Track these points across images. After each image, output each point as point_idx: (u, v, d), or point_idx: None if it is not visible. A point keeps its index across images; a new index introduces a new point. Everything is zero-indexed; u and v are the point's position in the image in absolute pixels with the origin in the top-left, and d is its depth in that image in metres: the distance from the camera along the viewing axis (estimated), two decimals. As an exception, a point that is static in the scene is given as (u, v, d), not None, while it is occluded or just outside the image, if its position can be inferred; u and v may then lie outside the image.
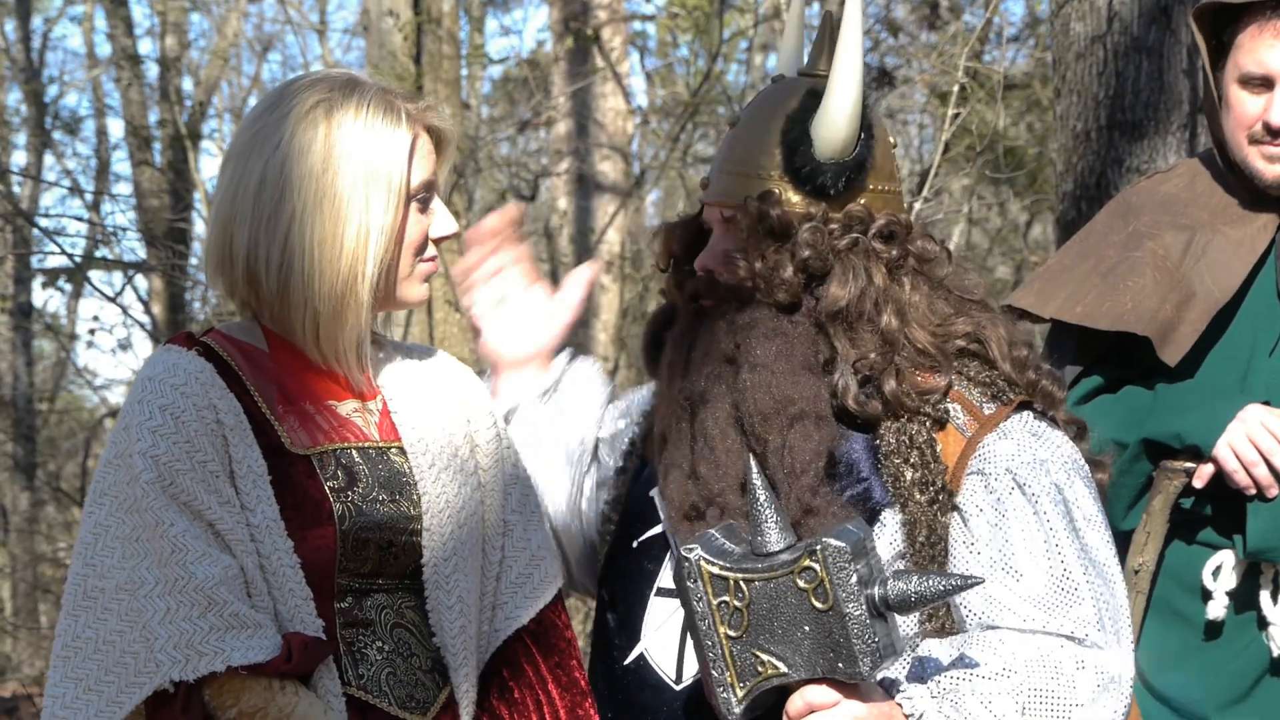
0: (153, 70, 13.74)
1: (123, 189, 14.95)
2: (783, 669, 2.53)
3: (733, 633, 2.54)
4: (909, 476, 2.71)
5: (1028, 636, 2.64)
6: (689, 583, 2.55)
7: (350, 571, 2.61)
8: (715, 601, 2.55)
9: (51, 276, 11.18)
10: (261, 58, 16.44)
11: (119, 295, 10.16)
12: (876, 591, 2.50)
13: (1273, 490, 3.36)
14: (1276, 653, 3.45)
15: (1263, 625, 3.47)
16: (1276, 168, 3.45)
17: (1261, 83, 3.43)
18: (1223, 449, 3.36)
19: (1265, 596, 3.46)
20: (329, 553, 2.58)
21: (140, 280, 11.82)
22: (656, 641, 2.84)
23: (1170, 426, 3.41)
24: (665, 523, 2.83)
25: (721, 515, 2.69)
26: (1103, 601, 2.66)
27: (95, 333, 11.48)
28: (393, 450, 2.69)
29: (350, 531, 2.59)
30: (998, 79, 7.79)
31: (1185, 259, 3.51)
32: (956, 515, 2.71)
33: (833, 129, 2.73)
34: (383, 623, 2.64)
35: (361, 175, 2.59)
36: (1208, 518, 3.46)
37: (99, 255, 9.85)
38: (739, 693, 2.55)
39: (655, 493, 2.87)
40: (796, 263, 2.73)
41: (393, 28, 9.23)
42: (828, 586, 2.48)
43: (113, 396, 14.14)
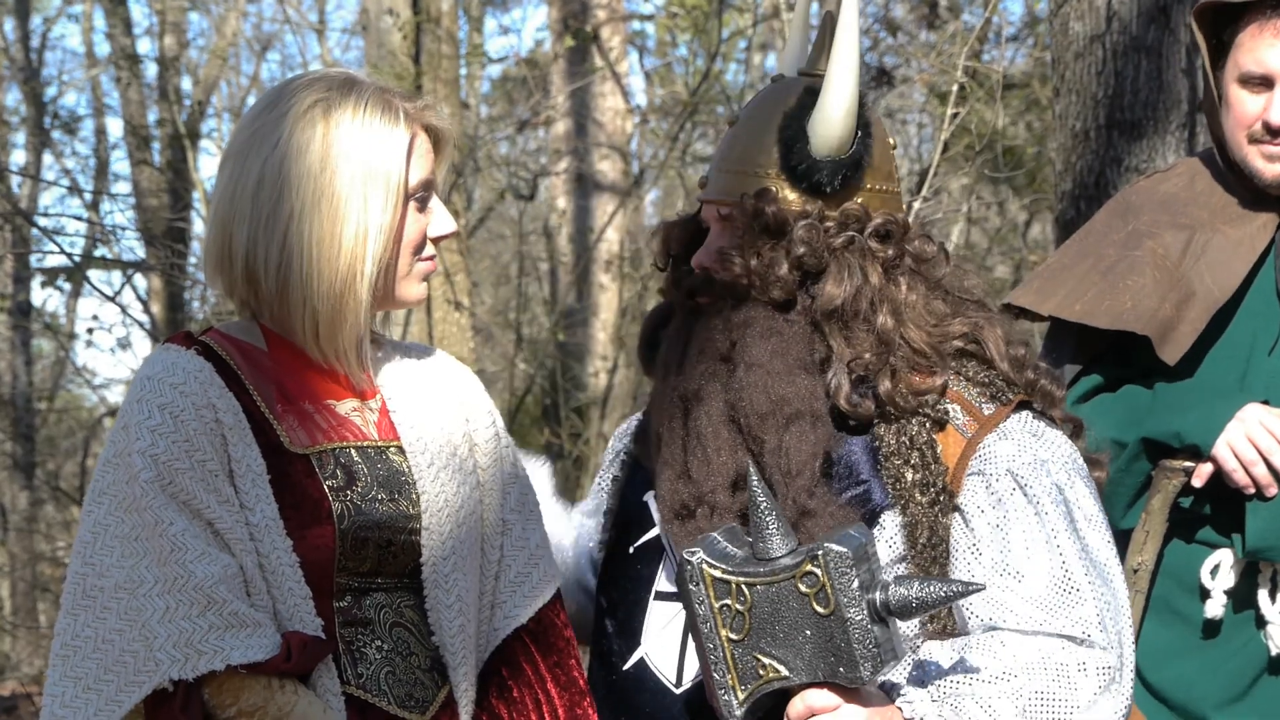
0: (151, 69, 13.73)
1: (121, 188, 14.93)
2: (784, 672, 2.53)
3: (734, 636, 2.54)
4: (910, 478, 2.70)
5: (1029, 638, 2.63)
6: (691, 586, 2.55)
7: (349, 570, 2.61)
8: (717, 605, 2.54)
9: (50, 276, 11.18)
10: (260, 57, 16.42)
11: (118, 294, 10.15)
12: (878, 596, 2.50)
13: (1271, 489, 3.36)
14: (1275, 651, 3.45)
15: (1261, 624, 3.47)
16: (1276, 167, 3.45)
17: (1261, 82, 3.43)
18: (1222, 448, 3.36)
19: (1263, 595, 3.46)
20: (328, 552, 2.57)
21: (139, 279, 11.81)
22: (657, 645, 2.84)
23: (1169, 425, 3.41)
24: (660, 525, 2.83)
25: (711, 514, 2.69)
26: (1104, 602, 2.66)
27: (94, 332, 11.49)
28: (391, 449, 2.69)
29: (349, 530, 2.59)
30: (997, 78, 7.77)
31: (1185, 258, 3.51)
32: (958, 516, 2.70)
33: (829, 126, 2.73)
34: (382, 622, 2.64)
35: (360, 174, 2.59)
36: (1206, 517, 3.46)
37: (98, 254, 9.84)
38: (740, 695, 2.55)
39: (650, 497, 2.87)
40: (791, 260, 2.72)
41: (391, 27, 9.22)
42: (829, 591, 2.48)
43: (112, 396, 14.17)
